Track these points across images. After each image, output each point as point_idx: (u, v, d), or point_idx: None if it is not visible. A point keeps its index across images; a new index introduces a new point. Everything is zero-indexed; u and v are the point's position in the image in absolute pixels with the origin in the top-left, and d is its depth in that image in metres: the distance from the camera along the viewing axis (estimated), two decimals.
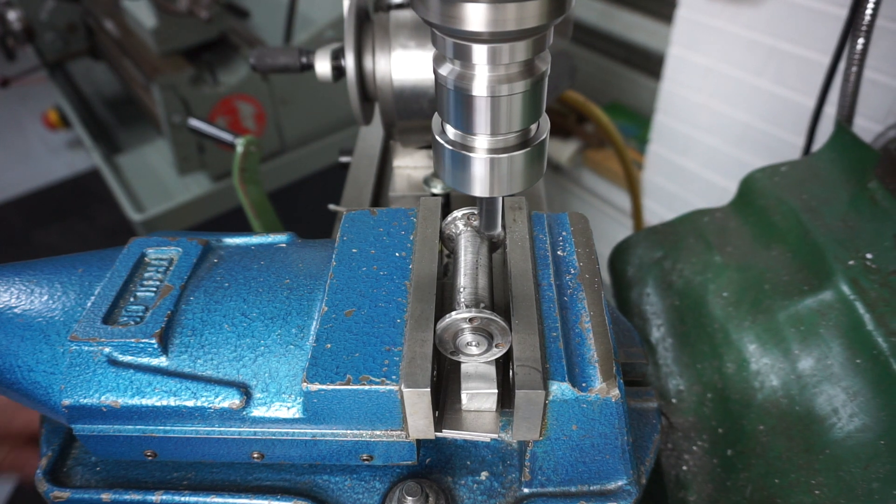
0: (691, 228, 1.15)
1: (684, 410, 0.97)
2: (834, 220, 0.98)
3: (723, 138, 2.72)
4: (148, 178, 3.61)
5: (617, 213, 3.43)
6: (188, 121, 1.58)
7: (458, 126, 0.54)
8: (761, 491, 0.85)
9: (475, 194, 0.57)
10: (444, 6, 0.44)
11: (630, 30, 3.29)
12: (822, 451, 0.83)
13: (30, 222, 4.15)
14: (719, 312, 1.00)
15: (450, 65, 0.51)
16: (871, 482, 0.78)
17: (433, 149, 0.58)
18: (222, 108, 3.27)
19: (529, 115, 0.53)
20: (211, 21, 3.15)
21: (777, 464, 0.86)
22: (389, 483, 0.73)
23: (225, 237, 0.85)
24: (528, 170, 0.56)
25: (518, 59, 0.48)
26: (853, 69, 1.17)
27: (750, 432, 0.89)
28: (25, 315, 0.73)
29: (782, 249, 1.01)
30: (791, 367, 0.90)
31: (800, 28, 2.27)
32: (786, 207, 1.03)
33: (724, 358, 0.97)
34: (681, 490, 0.91)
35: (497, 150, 0.54)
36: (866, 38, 1.13)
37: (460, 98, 0.51)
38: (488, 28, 0.44)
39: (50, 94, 4.38)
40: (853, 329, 0.86)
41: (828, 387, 0.86)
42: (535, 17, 0.44)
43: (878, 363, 0.83)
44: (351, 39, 1.00)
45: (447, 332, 0.64)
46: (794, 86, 2.38)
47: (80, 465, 0.77)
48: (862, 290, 0.87)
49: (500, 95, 0.50)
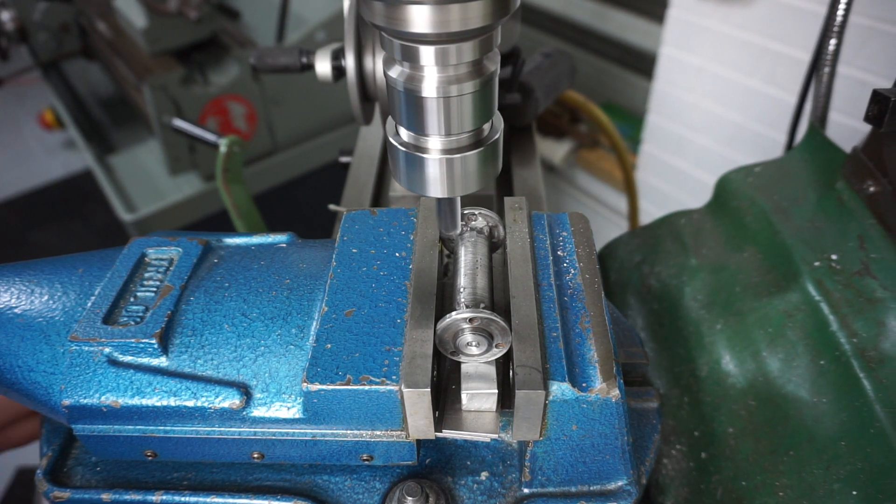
0: (668, 231, 1.15)
1: (664, 414, 0.97)
2: (802, 220, 0.98)
3: (714, 138, 2.74)
4: (140, 178, 3.60)
5: (610, 213, 3.44)
6: (172, 121, 1.59)
7: (411, 128, 0.54)
8: (730, 493, 0.85)
9: (430, 195, 0.57)
10: (388, 9, 0.44)
11: (623, 30, 3.30)
12: (787, 452, 0.83)
13: (26, 222, 4.13)
14: (694, 315, 1.00)
15: (399, 67, 0.51)
16: (833, 483, 0.78)
17: (388, 152, 0.58)
18: (213, 109, 3.26)
19: (481, 114, 0.53)
20: (200, 21, 3.15)
21: (745, 466, 0.86)
22: (389, 483, 0.73)
23: (225, 237, 0.85)
24: (482, 169, 0.56)
25: (466, 59, 0.48)
26: (826, 69, 1.17)
27: (720, 435, 0.90)
28: (25, 315, 0.73)
29: (754, 251, 1.01)
30: (759, 369, 0.90)
31: (791, 28, 2.28)
32: (757, 208, 1.03)
33: (697, 361, 0.96)
34: (660, 494, 0.91)
35: (451, 150, 0.54)
36: (838, 38, 1.13)
37: (411, 100, 0.51)
38: (433, 29, 0.44)
39: (45, 94, 4.36)
40: (818, 330, 0.86)
41: (793, 388, 0.86)
42: (479, 18, 0.44)
43: (839, 364, 0.83)
44: (351, 39, 1.00)
45: (447, 332, 0.64)
46: (785, 86, 2.39)
47: (80, 465, 0.77)
48: (826, 292, 0.87)
49: (451, 96, 0.50)
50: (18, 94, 5.15)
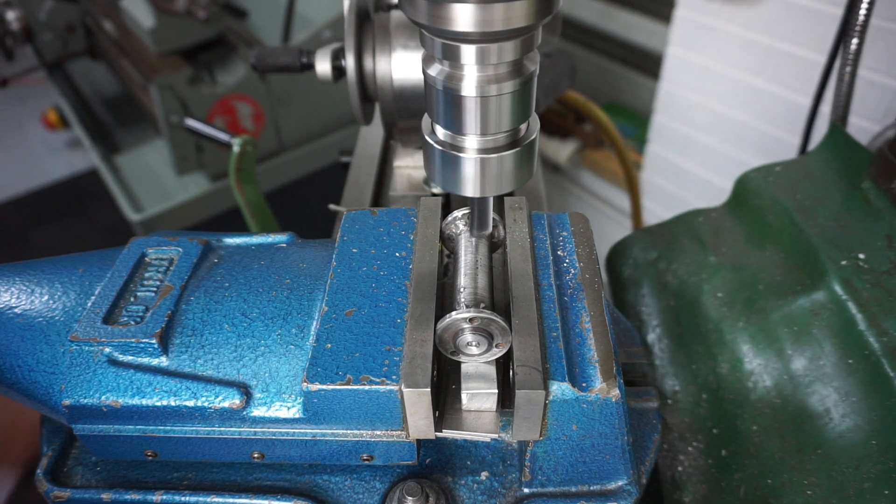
0: (685, 229, 1.15)
1: (680, 411, 0.97)
2: (827, 220, 0.98)
3: (720, 138, 2.73)
4: (146, 178, 3.61)
5: (615, 213, 3.43)
6: (185, 121, 1.58)
7: (448, 126, 0.54)
8: (754, 491, 0.85)
9: (466, 194, 0.57)
10: (432, 7, 0.44)
11: (629, 30, 3.29)
12: (815, 451, 0.83)
13: (29, 222, 4.14)
14: (714, 313, 1.00)
15: (438, 65, 0.51)
16: (863, 482, 0.78)
17: (423, 149, 0.58)
18: (220, 108, 3.26)
19: (519, 114, 0.53)
20: (208, 21, 3.15)
21: (770, 464, 0.86)
22: (389, 483, 0.73)
23: (225, 237, 0.85)
24: (518, 169, 0.56)
25: (506, 59, 0.48)
26: (847, 69, 1.17)
27: (744, 432, 0.89)
28: (26, 315, 0.73)
29: (776, 249, 1.01)
30: (784, 368, 0.90)
31: (797, 28, 2.27)
32: (779, 207, 1.03)
33: (718, 358, 0.97)
34: (676, 491, 0.91)
35: (487, 150, 0.54)
36: (860, 38, 1.13)
37: (449, 98, 0.51)
38: (476, 28, 0.44)
39: (49, 94, 4.37)
40: (845, 329, 0.86)
41: (820, 387, 0.86)
42: (522, 17, 0.44)
43: (869, 363, 0.82)
44: (351, 39, 1.00)
45: (447, 332, 0.64)
46: (792, 85, 2.38)
47: (80, 465, 0.77)
48: (854, 291, 0.87)
49: (489, 95, 0.50)
50: (21, 94, 5.15)
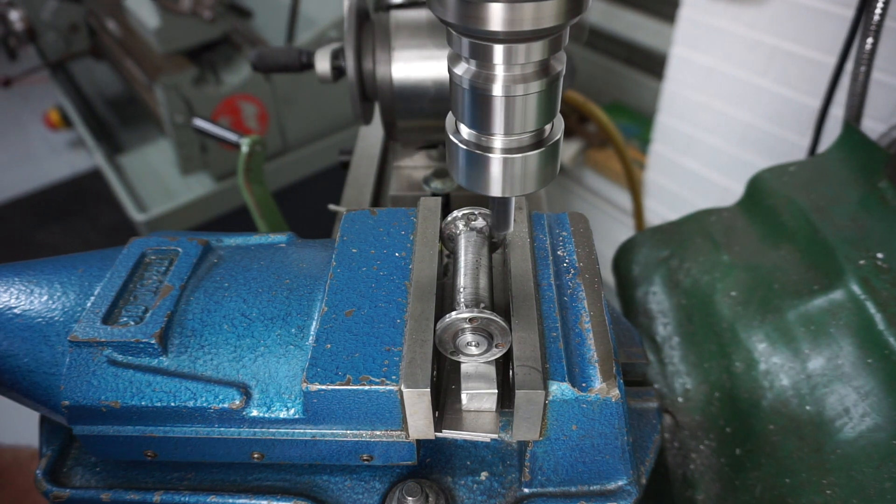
0: (698, 228, 1.15)
1: (691, 409, 0.97)
2: (844, 219, 0.98)
3: (725, 138, 2.72)
4: (150, 178, 3.61)
5: (619, 213, 3.42)
6: (193, 121, 1.58)
7: (473, 126, 0.53)
8: (771, 490, 0.85)
9: (489, 194, 0.57)
10: (461, 5, 0.43)
11: (632, 29, 3.29)
12: (834, 450, 0.83)
13: (31, 222, 4.15)
14: (727, 312, 1.00)
15: (465, 64, 0.51)
16: (884, 482, 0.77)
17: (446, 148, 0.58)
18: (225, 108, 3.26)
19: (544, 115, 0.53)
20: (214, 21, 3.15)
21: (787, 463, 0.85)
22: (389, 483, 0.73)
23: (225, 237, 0.85)
24: (542, 170, 0.56)
25: (534, 59, 0.48)
26: (862, 69, 1.16)
27: (759, 432, 0.89)
28: (25, 315, 0.73)
29: (791, 249, 1.01)
30: (801, 367, 0.90)
31: (802, 28, 2.26)
32: (794, 207, 1.03)
33: (732, 357, 0.96)
34: (688, 489, 0.91)
35: (511, 149, 0.54)
36: (875, 37, 1.13)
37: (475, 97, 0.51)
38: (505, 28, 0.43)
39: (51, 94, 4.37)
40: (864, 328, 0.86)
41: (839, 386, 0.86)
42: (551, 17, 0.44)
43: (889, 363, 0.82)
44: (351, 39, 1.00)
45: (447, 332, 0.64)
46: (797, 85, 2.37)
47: (79, 465, 0.77)
48: (873, 290, 0.87)
49: (516, 95, 0.50)
50: (22, 94, 5.16)
